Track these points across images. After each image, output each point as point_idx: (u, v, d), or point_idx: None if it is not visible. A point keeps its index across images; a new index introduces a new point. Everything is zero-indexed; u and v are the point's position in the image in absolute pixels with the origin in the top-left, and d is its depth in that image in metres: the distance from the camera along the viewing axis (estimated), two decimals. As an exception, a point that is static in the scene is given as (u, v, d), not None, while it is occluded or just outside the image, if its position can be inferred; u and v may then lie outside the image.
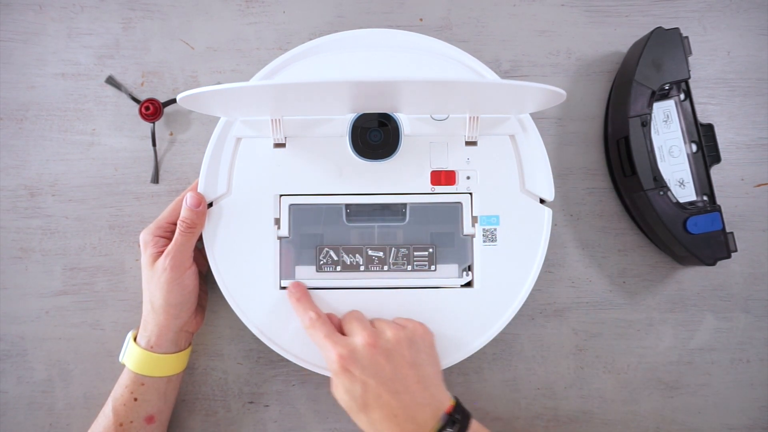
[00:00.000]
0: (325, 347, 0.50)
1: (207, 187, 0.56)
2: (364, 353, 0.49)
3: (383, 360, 0.49)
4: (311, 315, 0.52)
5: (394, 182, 0.56)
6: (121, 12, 0.63)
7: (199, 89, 0.47)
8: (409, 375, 0.49)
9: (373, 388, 0.48)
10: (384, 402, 0.48)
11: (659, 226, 0.57)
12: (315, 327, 0.52)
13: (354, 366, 0.49)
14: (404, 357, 0.50)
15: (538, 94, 0.50)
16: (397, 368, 0.49)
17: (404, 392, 0.48)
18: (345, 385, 0.49)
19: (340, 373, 0.49)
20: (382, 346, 0.49)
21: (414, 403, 0.48)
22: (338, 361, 0.49)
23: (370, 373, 0.48)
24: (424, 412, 0.48)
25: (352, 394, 0.49)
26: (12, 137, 0.62)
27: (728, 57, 0.62)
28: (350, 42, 0.58)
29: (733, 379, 0.61)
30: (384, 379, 0.48)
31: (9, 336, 0.61)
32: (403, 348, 0.50)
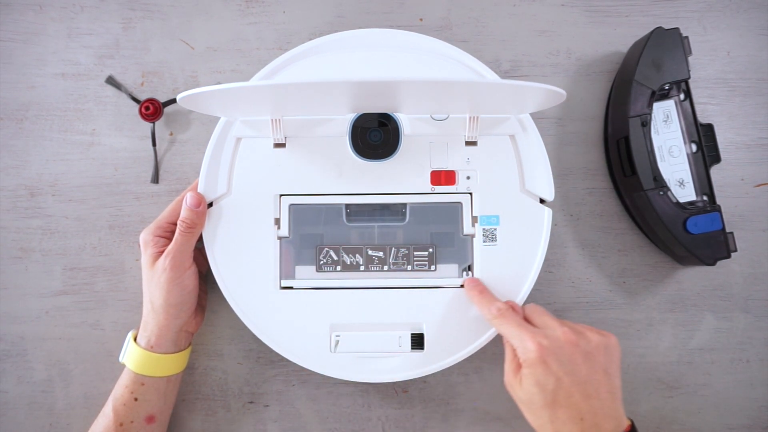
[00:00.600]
0: (520, 336, 0.48)
1: (207, 187, 0.56)
2: (565, 349, 0.47)
3: (581, 360, 0.47)
4: (499, 305, 0.52)
5: (394, 182, 0.56)
6: (121, 12, 0.63)
7: (199, 89, 0.47)
8: (602, 382, 0.47)
9: (567, 385, 0.47)
10: (574, 402, 0.46)
11: (659, 226, 0.57)
12: (506, 316, 0.51)
13: (552, 359, 0.47)
14: (600, 363, 0.48)
15: (538, 94, 0.50)
16: (592, 372, 0.47)
17: (595, 398, 0.47)
18: (537, 377, 0.47)
19: (536, 364, 0.47)
20: (582, 346, 0.48)
21: (602, 411, 0.47)
22: (537, 350, 0.47)
23: (567, 370, 0.47)
24: (609, 424, 0.47)
25: (544, 387, 0.47)
26: (12, 137, 0.62)
27: (728, 57, 0.62)
28: (350, 42, 0.58)
29: (733, 379, 0.61)
30: (578, 380, 0.47)
31: (9, 336, 0.61)
32: (601, 353, 0.48)
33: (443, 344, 0.55)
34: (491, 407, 0.60)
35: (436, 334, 0.55)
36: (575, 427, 0.46)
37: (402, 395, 0.61)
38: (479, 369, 0.61)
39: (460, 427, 0.60)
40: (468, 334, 0.55)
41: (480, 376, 0.61)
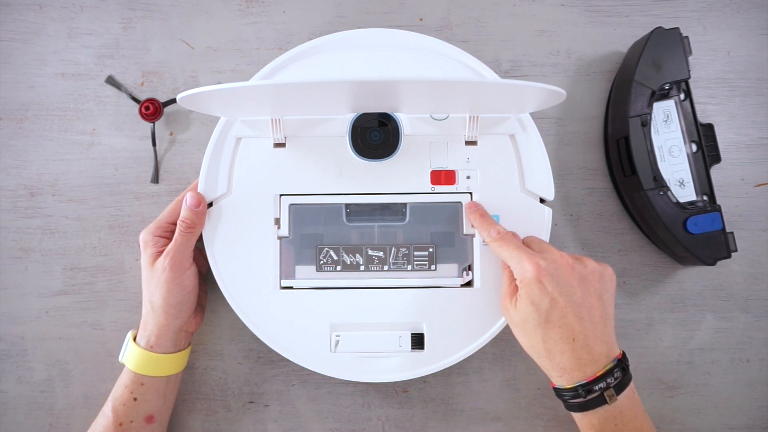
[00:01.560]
0: (519, 258, 0.49)
1: (207, 187, 0.56)
2: (561, 270, 0.48)
3: (576, 283, 0.48)
4: (499, 228, 0.52)
5: (394, 182, 0.56)
6: (121, 12, 0.63)
7: (199, 89, 0.47)
8: (596, 306, 0.49)
9: (561, 306, 0.48)
10: (567, 323, 0.48)
11: (659, 226, 0.57)
12: (505, 239, 0.51)
13: (548, 279, 0.48)
14: (595, 287, 0.49)
15: (538, 94, 0.50)
16: (587, 296, 0.49)
17: (588, 320, 0.48)
18: (533, 296, 0.48)
19: (532, 283, 0.48)
20: (578, 269, 0.49)
21: (594, 334, 0.48)
22: (535, 270, 0.48)
23: (562, 291, 0.48)
24: (600, 347, 0.48)
25: (538, 306, 0.48)
26: (12, 137, 0.62)
27: (728, 57, 0.63)
28: (350, 42, 0.58)
29: (733, 379, 0.61)
30: (573, 301, 0.48)
31: (9, 336, 0.61)
32: (596, 279, 0.50)
33: (443, 344, 0.55)
34: (491, 407, 0.60)
35: (436, 334, 0.55)
36: (567, 347, 0.48)
37: (402, 395, 0.61)
38: (479, 369, 0.61)
39: (460, 427, 0.60)
40: (468, 334, 0.55)
41: (480, 376, 0.61)
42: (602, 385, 0.47)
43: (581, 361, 0.48)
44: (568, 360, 0.48)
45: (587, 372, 0.48)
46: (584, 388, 0.47)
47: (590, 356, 0.48)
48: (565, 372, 0.48)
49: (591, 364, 0.48)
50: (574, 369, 0.48)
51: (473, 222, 0.55)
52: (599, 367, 0.48)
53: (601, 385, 0.47)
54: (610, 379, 0.47)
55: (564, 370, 0.48)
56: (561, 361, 0.48)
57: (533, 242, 0.52)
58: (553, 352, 0.48)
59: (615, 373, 0.48)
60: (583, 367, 0.48)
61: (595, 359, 0.48)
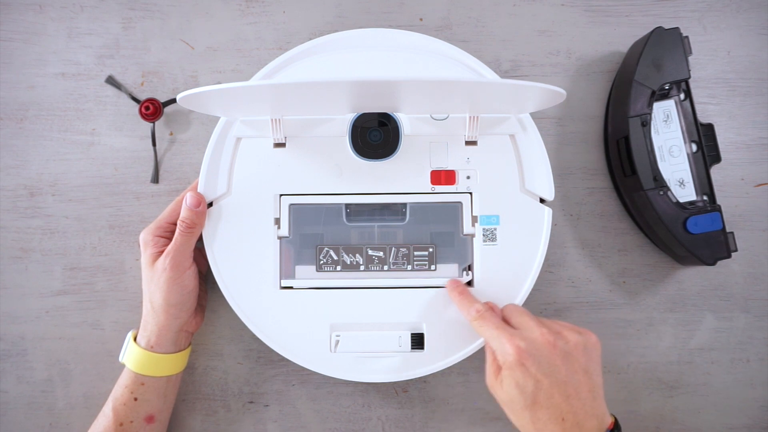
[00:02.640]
0: (499, 338, 0.49)
1: (207, 187, 0.56)
2: (543, 350, 0.47)
3: (560, 361, 0.47)
4: (478, 307, 0.52)
5: (394, 182, 0.56)
6: (121, 12, 0.63)
7: (199, 89, 0.47)
8: (582, 382, 0.48)
9: (546, 387, 0.47)
10: (554, 403, 0.47)
11: (659, 226, 0.57)
12: (485, 318, 0.51)
13: (531, 361, 0.47)
14: (579, 362, 0.48)
15: (538, 94, 0.50)
16: (572, 372, 0.47)
17: (575, 398, 0.47)
18: (517, 379, 0.47)
19: (514, 366, 0.47)
20: (560, 347, 0.48)
21: (583, 410, 0.47)
22: (516, 353, 0.47)
23: (546, 372, 0.47)
24: (591, 422, 0.47)
25: (523, 389, 0.47)
26: (12, 137, 0.62)
27: (728, 57, 0.63)
28: (350, 42, 0.58)
29: (733, 378, 0.61)
30: (558, 381, 0.47)
31: (9, 336, 0.61)
32: (580, 353, 0.48)
33: (443, 344, 0.55)
34: (491, 407, 0.60)
35: (436, 334, 0.55)
36: (557, 428, 0.47)
37: (402, 395, 0.60)
38: (479, 369, 0.60)
39: (460, 427, 0.60)
40: (468, 334, 0.55)
41: (480, 376, 0.60)
42: None
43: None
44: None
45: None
46: None
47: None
48: None
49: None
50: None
51: (453, 299, 0.54)
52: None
53: None
54: None
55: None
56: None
57: (512, 315, 0.51)
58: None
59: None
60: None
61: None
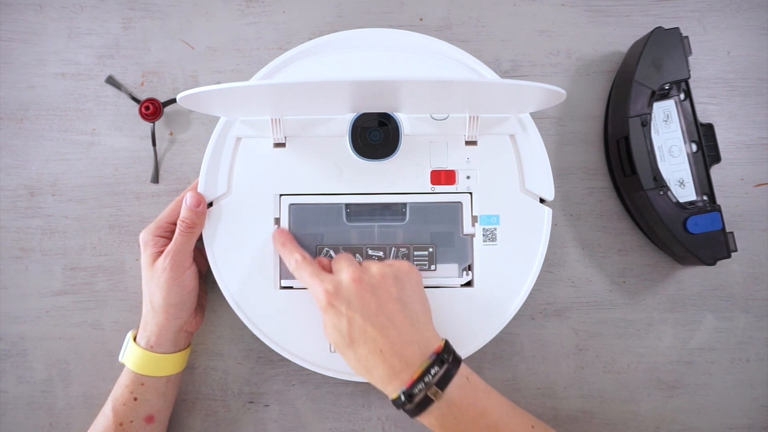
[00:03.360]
0: (312, 285, 0.50)
1: (207, 187, 0.56)
2: (350, 289, 0.49)
3: (368, 295, 0.48)
4: (296, 257, 0.52)
5: (394, 182, 0.56)
6: (121, 12, 0.63)
7: (199, 89, 0.47)
8: (395, 311, 0.48)
9: (359, 323, 0.48)
10: (369, 337, 0.48)
11: (659, 226, 0.57)
12: (301, 268, 0.52)
13: (339, 301, 0.48)
14: (390, 293, 0.49)
15: (538, 94, 0.50)
16: (382, 304, 0.48)
17: (390, 328, 0.48)
18: (332, 321, 0.49)
19: (327, 309, 0.49)
20: (367, 281, 0.49)
21: (400, 339, 0.48)
22: (324, 297, 0.49)
23: (356, 308, 0.48)
24: (411, 349, 0.47)
25: (339, 329, 0.48)
26: (12, 137, 0.62)
27: (728, 57, 0.63)
28: (350, 42, 0.58)
29: (733, 378, 0.61)
30: (369, 315, 0.48)
31: (9, 336, 0.61)
32: (389, 284, 0.49)
33: (443, 344, 0.55)
34: (491, 407, 0.60)
35: (436, 334, 0.55)
36: (377, 360, 0.47)
37: (402, 395, 0.60)
38: (479, 369, 0.61)
39: (460, 427, 0.60)
40: (468, 334, 0.55)
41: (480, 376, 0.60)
42: (421, 386, 0.46)
43: (395, 369, 0.47)
44: (383, 372, 0.47)
45: (404, 378, 0.47)
46: (406, 394, 0.46)
47: (402, 362, 0.47)
48: (386, 383, 0.48)
49: (405, 369, 0.47)
50: (392, 378, 0.47)
51: (277, 250, 0.55)
52: (414, 369, 0.47)
53: (420, 386, 0.46)
54: (427, 378, 0.46)
55: (385, 381, 0.48)
56: (378, 374, 0.48)
57: (334, 262, 0.52)
58: (369, 367, 0.48)
59: (431, 370, 0.46)
60: (400, 374, 0.47)
61: (408, 364, 0.47)
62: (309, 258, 0.53)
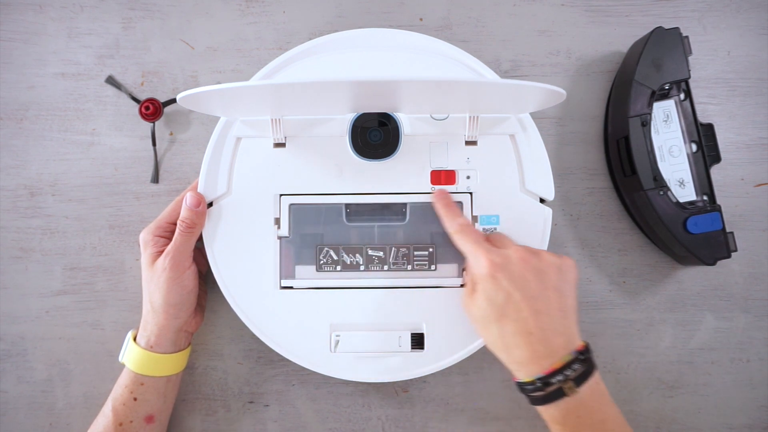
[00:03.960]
0: (475, 253, 0.50)
1: (207, 187, 0.56)
2: (516, 265, 0.49)
3: (532, 277, 0.48)
4: (460, 221, 0.53)
5: (394, 182, 0.56)
6: (121, 12, 0.63)
7: (199, 89, 0.47)
8: (553, 299, 0.49)
9: (516, 300, 0.48)
10: (522, 317, 0.48)
11: (659, 226, 0.57)
12: (465, 232, 0.52)
13: (503, 274, 0.48)
14: (551, 281, 0.49)
15: (538, 94, 0.50)
16: (543, 289, 0.48)
17: (545, 314, 0.48)
18: (488, 292, 0.48)
19: (486, 279, 0.48)
20: (533, 263, 0.49)
21: (551, 327, 0.48)
22: (489, 266, 0.48)
23: (517, 286, 0.48)
24: (558, 340, 0.48)
25: (493, 301, 0.48)
26: (12, 137, 0.62)
27: (728, 57, 0.63)
28: (350, 42, 0.58)
29: (733, 378, 0.61)
30: (528, 295, 0.48)
31: (9, 336, 0.61)
32: (552, 271, 0.49)
33: (443, 344, 0.55)
34: (491, 407, 0.60)
35: (436, 334, 0.55)
36: (523, 341, 0.48)
37: (402, 395, 0.60)
38: (479, 369, 0.61)
39: (460, 427, 0.60)
40: (468, 334, 0.55)
41: (480, 376, 0.61)
42: (560, 377, 0.47)
43: (538, 354, 0.47)
44: (525, 354, 0.48)
45: (545, 365, 0.47)
46: (542, 381, 0.47)
47: (547, 349, 0.47)
48: (523, 366, 0.48)
49: (548, 357, 0.47)
50: (532, 362, 0.47)
51: (438, 211, 0.55)
52: (557, 359, 0.47)
53: (559, 377, 0.47)
54: (568, 372, 0.47)
55: (522, 363, 0.48)
56: (518, 355, 0.48)
57: (496, 239, 0.52)
58: (510, 346, 0.48)
59: (574, 365, 0.47)
60: (541, 361, 0.47)
61: (552, 352, 0.47)
62: (472, 225, 0.53)
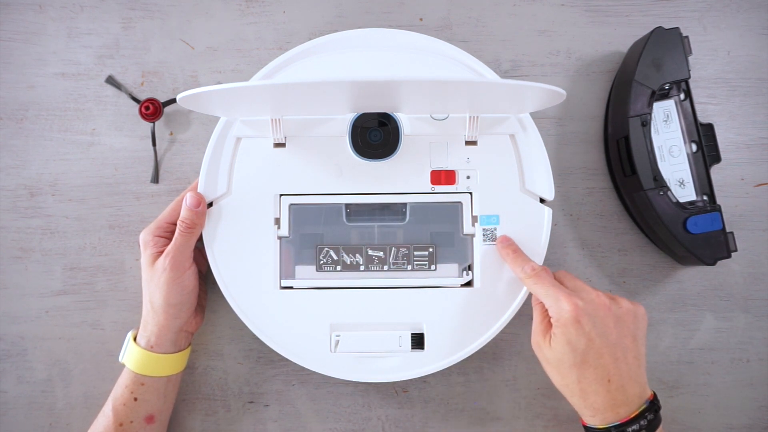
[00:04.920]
0: (556, 296, 0.49)
1: (207, 187, 0.56)
2: (599, 311, 0.49)
3: (612, 323, 0.49)
4: (533, 265, 0.52)
5: (394, 182, 0.56)
6: (121, 12, 0.63)
7: (199, 89, 0.47)
8: (630, 347, 0.49)
9: (597, 346, 0.48)
10: (603, 363, 0.48)
11: (659, 226, 0.57)
12: (540, 276, 0.51)
13: (586, 319, 0.48)
14: (629, 328, 0.49)
15: (537, 94, 0.50)
16: (622, 336, 0.49)
17: (623, 361, 0.48)
18: (569, 336, 0.48)
19: (569, 323, 0.48)
20: (614, 310, 0.49)
21: (629, 375, 0.48)
22: (573, 310, 0.48)
23: (599, 332, 0.48)
24: (634, 389, 0.48)
25: (575, 346, 0.48)
26: (12, 137, 0.62)
27: (728, 57, 0.63)
28: (350, 42, 0.58)
29: (733, 378, 0.61)
30: (609, 342, 0.48)
31: (9, 336, 0.61)
32: (630, 319, 0.50)
33: (443, 344, 0.55)
34: (491, 407, 0.60)
35: (436, 334, 0.55)
36: (602, 388, 0.48)
37: (402, 395, 0.61)
38: (479, 369, 0.61)
39: (460, 427, 0.60)
40: (468, 334, 0.55)
41: (480, 376, 0.61)
42: (635, 427, 0.47)
43: (615, 402, 0.48)
44: (602, 401, 0.48)
45: (621, 413, 0.48)
46: (617, 429, 0.47)
47: (624, 397, 0.48)
48: (598, 412, 0.48)
49: (625, 405, 0.48)
50: (608, 410, 0.48)
51: (505, 258, 0.55)
52: (633, 408, 0.48)
53: (634, 427, 0.47)
54: (643, 422, 0.47)
55: (597, 410, 0.48)
56: (595, 401, 0.48)
57: (566, 278, 0.52)
58: (588, 392, 0.48)
59: (647, 415, 0.48)
60: (617, 408, 0.48)
61: (629, 400, 0.48)
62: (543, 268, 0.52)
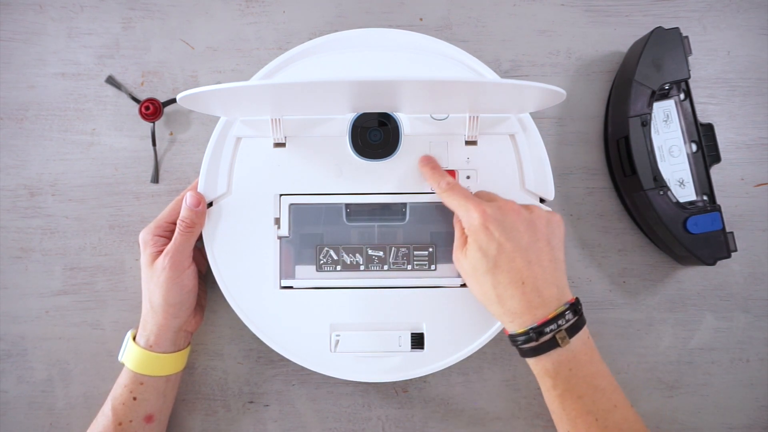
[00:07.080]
0: (466, 206, 0.50)
1: (207, 187, 0.56)
2: (507, 215, 0.49)
3: (523, 228, 0.49)
4: (448, 179, 0.53)
5: (394, 182, 0.56)
6: (121, 12, 0.63)
7: (199, 89, 0.47)
8: (544, 250, 0.49)
9: (509, 250, 0.48)
10: (515, 267, 0.48)
11: (659, 226, 0.57)
12: (454, 189, 0.52)
13: (495, 225, 0.48)
14: (542, 232, 0.50)
15: (538, 94, 0.50)
16: (534, 240, 0.49)
17: (537, 264, 0.48)
18: (480, 243, 0.49)
19: (479, 229, 0.49)
20: (524, 214, 0.50)
21: (543, 277, 0.48)
22: (481, 217, 0.49)
23: (509, 236, 0.48)
24: (551, 290, 0.48)
25: (486, 252, 0.48)
26: (12, 137, 0.62)
27: (728, 57, 0.63)
28: (350, 42, 0.58)
29: (733, 378, 0.61)
30: (520, 246, 0.48)
31: (9, 336, 0.61)
32: (542, 224, 0.50)
33: (443, 344, 0.55)
34: (491, 407, 0.60)
35: (436, 334, 0.55)
36: (516, 291, 0.48)
37: (402, 395, 0.61)
38: (479, 369, 0.61)
39: (460, 427, 0.60)
40: (468, 334, 0.55)
41: (480, 376, 0.61)
42: (553, 326, 0.47)
43: (531, 304, 0.48)
44: (518, 304, 0.48)
45: (538, 315, 0.48)
46: (535, 331, 0.47)
47: (540, 299, 0.48)
48: (516, 316, 0.48)
49: (541, 306, 0.48)
50: (525, 313, 0.48)
51: (424, 174, 0.55)
52: (550, 309, 0.48)
53: (552, 326, 0.47)
54: (561, 321, 0.47)
55: (515, 314, 0.48)
56: (511, 305, 0.48)
57: (483, 194, 0.53)
58: (504, 297, 0.48)
59: (566, 315, 0.48)
60: (534, 310, 0.48)
61: (545, 302, 0.48)
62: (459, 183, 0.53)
